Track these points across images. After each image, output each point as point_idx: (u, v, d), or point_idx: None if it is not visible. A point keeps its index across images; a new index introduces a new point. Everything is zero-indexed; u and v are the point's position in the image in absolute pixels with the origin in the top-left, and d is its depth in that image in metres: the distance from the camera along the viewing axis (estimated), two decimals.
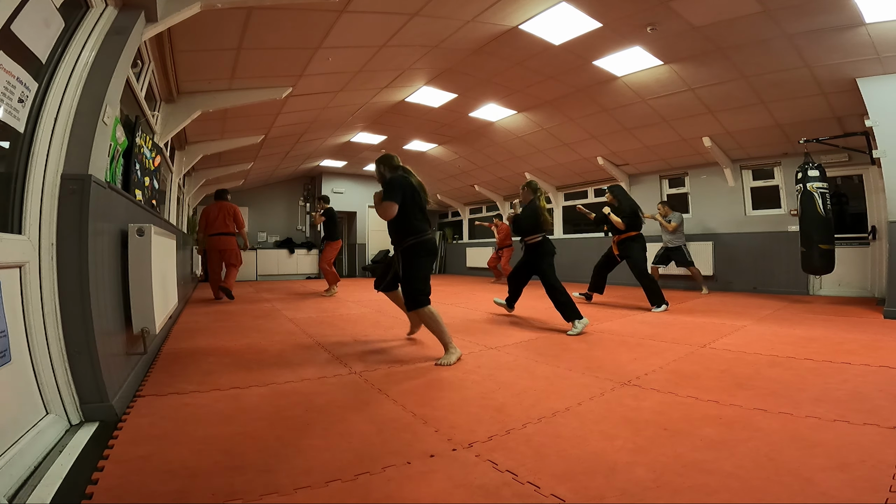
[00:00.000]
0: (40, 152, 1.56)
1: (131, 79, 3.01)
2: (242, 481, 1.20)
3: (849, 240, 5.58)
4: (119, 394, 1.77)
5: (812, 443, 1.40)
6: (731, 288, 6.61)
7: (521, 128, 6.95)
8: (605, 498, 1.12)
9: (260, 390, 2.04)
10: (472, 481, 1.21)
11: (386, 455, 1.37)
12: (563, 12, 3.93)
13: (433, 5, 3.65)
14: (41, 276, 1.53)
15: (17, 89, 1.43)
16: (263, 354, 2.78)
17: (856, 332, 3.25)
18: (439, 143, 8.56)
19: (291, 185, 12.04)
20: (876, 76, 4.12)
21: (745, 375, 2.19)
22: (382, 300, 5.92)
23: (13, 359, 1.36)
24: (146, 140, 3.42)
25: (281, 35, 3.70)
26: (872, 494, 1.09)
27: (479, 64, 5.09)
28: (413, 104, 6.49)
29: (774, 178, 6.41)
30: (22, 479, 1.19)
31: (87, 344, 1.61)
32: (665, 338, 3.19)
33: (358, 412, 1.76)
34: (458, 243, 12.55)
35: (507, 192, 10.48)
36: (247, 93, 4.57)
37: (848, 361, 2.39)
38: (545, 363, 2.54)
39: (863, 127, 4.47)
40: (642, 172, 7.84)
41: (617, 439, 1.47)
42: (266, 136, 6.61)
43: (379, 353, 2.83)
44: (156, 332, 2.26)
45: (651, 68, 4.81)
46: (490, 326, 3.81)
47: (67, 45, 1.76)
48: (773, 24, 3.74)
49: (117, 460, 1.33)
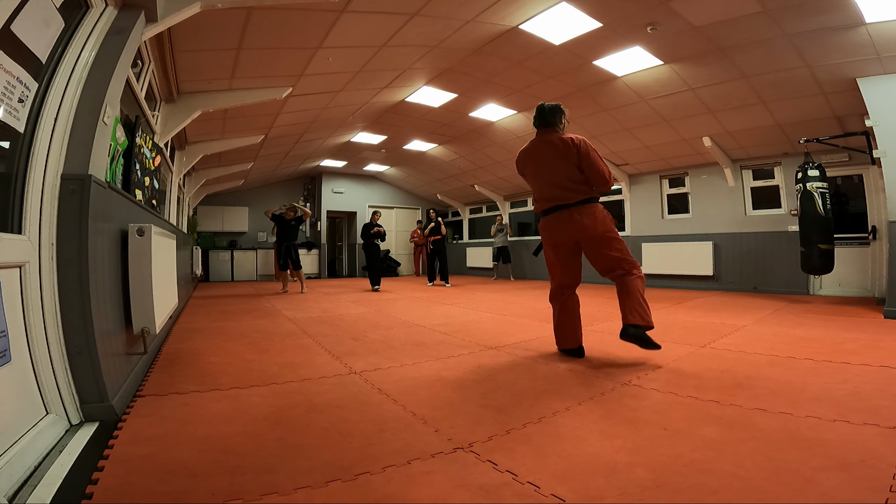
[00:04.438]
0: (40, 152, 1.56)
1: (131, 79, 3.01)
2: (242, 481, 1.20)
3: (849, 240, 5.58)
4: (119, 394, 1.77)
5: (812, 443, 1.40)
6: (731, 288, 6.61)
7: (522, 128, 6.96)
8: (605, 498, 1.12)
9: (260, 390, 2.04)
10: (473, 481, 1.21)
11: (386, 455, 1.37)
12: (563, 12, 3.93)
13: (433, 5, 3.65)
14: (41, 276, 1.52)
15: (17, 89, 1.43)
16: (263, 354, 2.78)
17: (856, 331, 3.25)
18: (439, 143, 8.56)
19: (291, 185, 12.05)
20: (876, 76, 4.12)
21: (745, 375, 2.19)
22: (383, 300, 5.92)
23: (13, 359, 1.35)
24: (146, 140, 3.42)
25: (281, 35, 3.70)
26: (872, 494, 1.09)
27: (479, 64, 5.09)
28: (413, 104, 6.49)
29: (774, 177, 6.41)
30: (22, 479, 1.19)
31: (87, 344, 1.61)
32: (665, 338, 3.18)
33: (358, 412, 1.76)
34: (458, 243, 12.56)
35: (508, 192, 10.48)
36: (247, 93, 4.58)
37: (848, 361, 2.39)
38: (545, 363, 2.54)
39: (863, 127, 4.47)
40: (642, 172, 7.84)
41: (617, 439, 1.47)
42: (266, 136, 6.61)
43: (379, 352, 2.82)
44: (156, 332, 2.26)
45: (651, 68, 4.82)
46: (490, 326, 3.81)
47: (67, 45, 1.76)
48: (773, 24, 3.74)
49: (117, 460, 1.33)
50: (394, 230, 12.84)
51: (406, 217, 13.09)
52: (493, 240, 9.97)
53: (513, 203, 10.89)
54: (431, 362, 2.57)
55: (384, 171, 11.64)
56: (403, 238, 12.92)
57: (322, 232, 11.63)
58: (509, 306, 5.18)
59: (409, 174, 11.34)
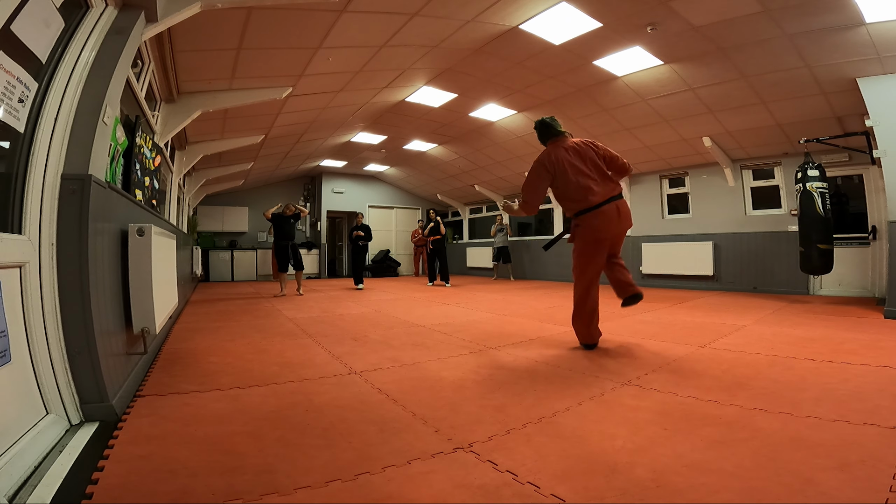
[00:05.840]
0: (40, 152, 1.56)
1: (131, 79, 3.01)
2: (242, 481, 1.20)
3: (849, 240, 5.58)
4: (119, 394, 1.77)
5: (812, 443, 1.40)
6: (731, 288, 6.61)
7: (522, 128, 6.96)
8: (605, 498, 1.12)
9: (260, 390, 2.04)
10: (473, 481, 1.21)
11: (386, 455, 1.37)
12: (563, 12, 3.93)
13: (433, 5, 3.65)
14: (41, 276, 1.52)
15: (17, 89, 1.43)
16: (263, 354, 2.78)
17: (856, 331, 3.25)
18: (439, 143, 8.57)
19: (291, 185, 12.05)
20: (876, 76, 4.12)
21: (745, 375, 2.19)
22: (383, 300, 5.92)
23: (13, 359, 1.36)
24: (146, 140, 3.43)
25: (281, 35, 3.70)
26: (872, 494, 1.09)
27: (479, 64, 5.09)
28: (413, 104, 6.49)
29: (775, 177, 6.41)
30: (22, 479, 1.19)
31: (87, 344, 1.61)
32: (665, 338, 3.19)
33: (358, 412, 1.76)
34: (458, 243, 12.56)
35: (508, 192, 10.48)
36: (247, 93, 4.58)
37: (848, 361, 2.39)
38: (545, 363, 2.54)
39: (863, 127, 4.47)
40: (642, 172, 7.84)
41: (617, 439, 1.47)
42: (266, 136, 6.61)
43: (379, 352, 2.82)
44: (156, 332, 2.26)
45: (651, 68, 4.82)
46: (490, 326, 3.81)
47: (67, 45, 1.76)
48: (773, 24, 3.74)
49: (117, 460, 1.33)
50: (394, 230, 12.85)
51: (406, 217, 13.09)
52: (493, 240, 9.97)
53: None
54: (431, 362, 2.57)
55: (384, 171, 11.64)
56: (403, 238, 12.92)
57: (322, 232, 11.63)
58: (509, 306, 5.18)
59: (409, 174, 11.34)
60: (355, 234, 7.81)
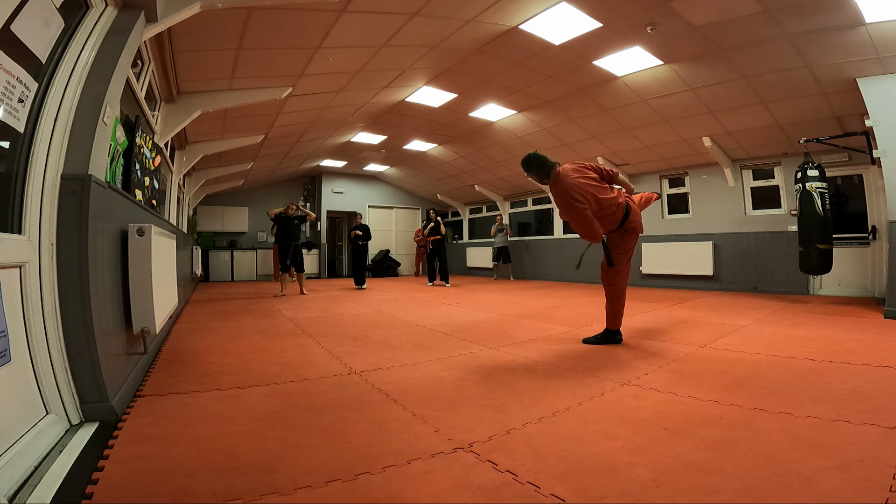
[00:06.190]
0: (40, 152, 1.56)
1: (131, 79, 3.01)
2: (242, 481, 1.20)
3: (849, 240, 5.58)
4: (119, 394, 1.77)
5: (812, 443, 1.40)
6: (731, 288, 6.61)
7: (522, 128, 6.95)
8: (605, 498, 1.12)
9: (260, 390, 2.04)
10: (473, 481, 1.21)
11: (386, 455, 1.37)
12: (563, 12, 3.93)
13: (433, 5, 3.65)
14: (41, 276, 1.52)
15: (17, 89, 1.43)
16: (263, 354, 2.78)
17: (856, 331, 3.25)
18: (439, 143, 8.57)
19: (291, 185, 12.05)
20: (876, 76, 4.12)
21: (745, 375, 2.19)
22: (383, 300, 5.93)
23: (13, 359, 1.35)
24: (146, 140, 3.43)
25: (281, 35, 3.70)
26: (872, 494, 1.09)
27: (479, 64, 5.09)
28: (413, 104, 6.49)
29: (774, 177, 6.41)
30: (22, 479, 1.19)
31: (87, 344, 1.61)
32: (665, 338, 3.19)
33: (358, 412, 1.76)
34: (458, 243, 12.56)
35: (508, 192, 10.48)
36: (247, 93, 4.58)
37: (848, 361, 2.39)
38: (545, 363, 2.54)
39: (863, 127, 4.47)
40: (642, 172, 7.84)
41: (617, 439, 1.47)
42: (266, 136, 6.61)
43: (379, 352, 2.82)
44: (156, 332, 2.26)
45: (651, 68, 4.82)
46: (490, 326, 3.81)
47: (67, 45, 1.76)
48: (773, 24, 3.74)
49: (117, 460, 1.33)
50: (394, 230, 12.84)
51: (406, 217, 13.09)
52: (493, 240, 9.97)
53: (513, 203, 10.88)
54: (431, 362, 2.57)
55: (384, 171, 11.64)
56: (403, 238, 12.91)
57: (322, 232, 11.63)
58: (509, 306, 5.18)
59: (409, 174, 11.34)
60: (353, 234, 7.84)
